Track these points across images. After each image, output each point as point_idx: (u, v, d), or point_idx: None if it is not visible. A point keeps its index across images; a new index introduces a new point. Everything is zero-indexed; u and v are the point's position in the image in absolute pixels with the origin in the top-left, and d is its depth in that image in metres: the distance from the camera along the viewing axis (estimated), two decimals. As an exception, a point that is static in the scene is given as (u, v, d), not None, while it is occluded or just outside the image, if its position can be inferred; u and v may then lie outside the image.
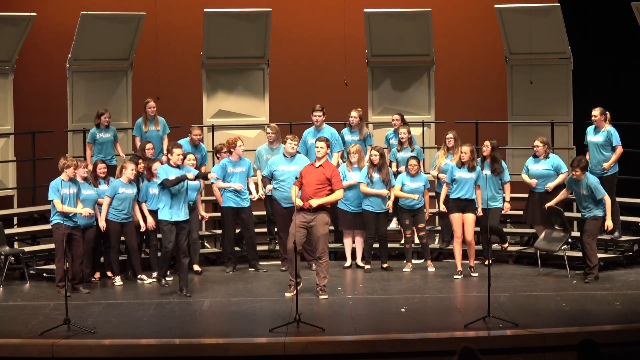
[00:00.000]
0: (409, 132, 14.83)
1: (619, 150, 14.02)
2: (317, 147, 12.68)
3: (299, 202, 12.45)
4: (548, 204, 13.72)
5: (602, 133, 14.07)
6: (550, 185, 14.00)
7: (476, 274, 13.52)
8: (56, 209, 12.82)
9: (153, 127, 15.08)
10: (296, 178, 12.97)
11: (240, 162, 14.11)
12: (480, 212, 13.68)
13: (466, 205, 13.58)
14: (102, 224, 13.43)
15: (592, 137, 14.13)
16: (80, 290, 13.00)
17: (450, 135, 14.46)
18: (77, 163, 13.19)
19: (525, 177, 14.22)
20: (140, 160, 13.90)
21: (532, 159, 14.22)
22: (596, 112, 14.11)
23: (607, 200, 13.32)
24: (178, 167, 12.87)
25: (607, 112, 14.14)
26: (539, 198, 14.07)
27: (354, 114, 15.03)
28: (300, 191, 12.60)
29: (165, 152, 14.23)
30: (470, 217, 13.58)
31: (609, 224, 13.31)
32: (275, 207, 14.05)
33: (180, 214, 12.77)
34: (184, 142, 14.46)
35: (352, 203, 14.10)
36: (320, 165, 12.59)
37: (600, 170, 13.94)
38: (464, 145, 13.83)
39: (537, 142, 14.17)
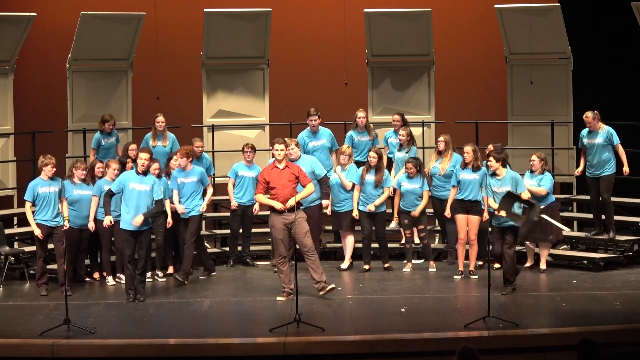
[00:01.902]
0: (408, 135, 14.71)
1: (622, 149, 14.02)
2: (278, 149, 12.56)
3: (279, 206, 12.36)
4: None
5: (601, 134, 14.00)
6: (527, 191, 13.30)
7: (475, 276, 13.48)
8: (25, 211, 12.89)
9: (160, 143, 14.83)
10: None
11: (191, 171, 13.74)
12: (486, 217, 13.58)
13: (470, 206, 13.52)
14: (91, 225, 13.39)
15: (590, 139, 14.04)
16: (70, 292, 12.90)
17: (441, 138, 14.35)
18: (55, 161, 13.04)
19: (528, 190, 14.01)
20: (129, 160, 13.90)
21: (528, 173, 13.95)
22: (588, 116, 14.01)
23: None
24: (144, 174, 12.66)
25: (597, 113, 14.07)
26: None
27: (361, 114, 15.00)
28: (267, 195, 12.54)
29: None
30: (474, 219, 13.52)
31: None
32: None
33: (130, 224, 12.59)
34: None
35: (336, 203, 14.17)
36: (286, 166, 12.56)
37: (611, 173, 13.92)
38: (466, 145, 13.77)
39: (533, 157, 13.92)
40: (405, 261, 14.23)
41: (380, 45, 16.41)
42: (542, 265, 13.87)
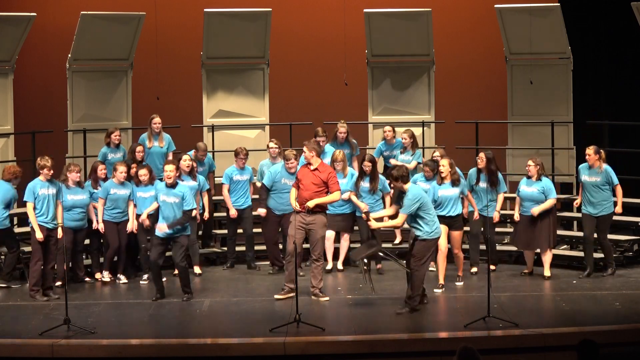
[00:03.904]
0: (411, 137, 14.67)
1: (620, 189, 13.52)
2: (303, 151, 12.55)
3: (295, 205, 12.41)
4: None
5: (599, 174, 13.45)
6: (536, 209, 13.36)
7: (461, 283, 13.16)
8: (27, 212, 12.77)
9: (157, 144, 14.82)
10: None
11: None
12: (477, 216, 13.53)
13: (452, 222, 13.02)
14: (100, 227, 13.52)
15: (588, 177, 13.50)
16: (50, 295, 12.81)
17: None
18: (52, 163, 12.91)
19: (518, 199, 13.70)
20: (134, 165, 13.93)
21: (525, 179, 13.65)
22: (590, 150, 13.50)
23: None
24: (172, 186, 12.63)
25: (601, 151, 13.57)
26: (526, 221, 13.51)
27: (342, 129, 14.78)
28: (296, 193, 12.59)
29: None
30: (456, 234, 13.05)
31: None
32: (269, 215, 13.98)
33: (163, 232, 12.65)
34: (190, 154, 14.47)
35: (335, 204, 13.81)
36: (316, 169, 12.54)
37: (609, 213, 13.48)
38: (442, 159, 13.29)
39: (529, 162, 13.57)
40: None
41: (380, 45, 16.42)
42: (547, 273, 13.52)
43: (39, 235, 12.69)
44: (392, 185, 12.12)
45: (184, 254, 12.75)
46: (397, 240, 14.60)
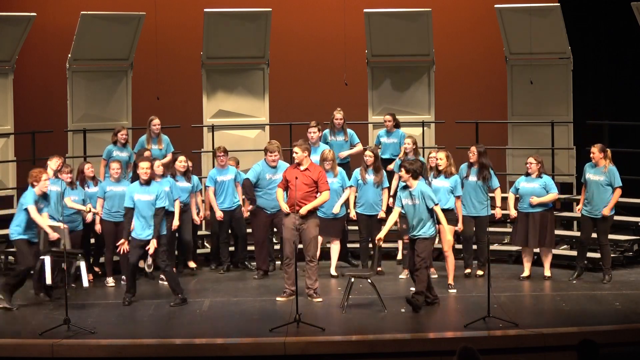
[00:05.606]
0: (414, 143, 14.53)
1: (618, 192, 13.29)
2: (295, 152, 12.49)
3: (285, 208, 12.39)
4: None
5: (604, 173, 13.30)
6: (536, 199, 13.29)
7: (454, 290, 12.93)
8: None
9: (156, 146, 14.71)
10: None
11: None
12: (460, 227, 13.39)
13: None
14: (97, 227, 13.51)
15: (592, 175, 13.35)
16: (41, 296, 12.76)
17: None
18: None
19: (510, 196, 13.63)
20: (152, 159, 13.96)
21: (523, 177, 13.54)
22: (595, 149, 13.35)
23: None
24: (147, 183, 12.46)
25: (607, 150, 13.43)
26: (525, 218, 13.41)
27: (338, 115, 14.81)
28: (286, 194, 12.54)
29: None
30: (446, 229, 12.86)
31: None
32: (260, 215, 13.92)
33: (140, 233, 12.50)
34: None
35: (324, 209, 13.62)
36: (307, 169, 12.51)
37: (599, 213, 13.23)
38: (439, 152, 13.43)
39: (530, 159, 13.49)
40: (402, 267, 14.06)
41: (380, 45, 16.42)
42: (547, 272, 13.53)
43: (54, 235, 12.62)
44: (401, 176, 12.15)
45: (166, 256, 12.53)
46: (401, 246, 14.48)
